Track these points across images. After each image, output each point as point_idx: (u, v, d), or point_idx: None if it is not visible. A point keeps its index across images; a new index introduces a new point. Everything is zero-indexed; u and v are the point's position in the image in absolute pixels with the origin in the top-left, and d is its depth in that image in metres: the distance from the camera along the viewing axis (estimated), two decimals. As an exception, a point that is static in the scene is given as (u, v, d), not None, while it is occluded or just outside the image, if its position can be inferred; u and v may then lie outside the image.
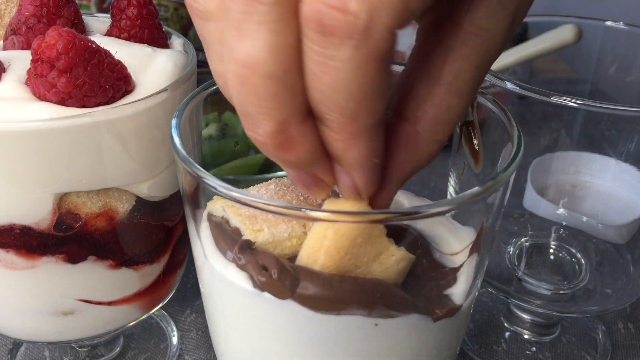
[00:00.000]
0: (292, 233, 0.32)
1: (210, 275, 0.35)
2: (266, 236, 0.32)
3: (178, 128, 0.34)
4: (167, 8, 0.83)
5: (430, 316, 0.33)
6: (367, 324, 0.31)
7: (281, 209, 0.29)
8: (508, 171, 0.32)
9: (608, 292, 0.53)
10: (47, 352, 0.55)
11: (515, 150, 0.33)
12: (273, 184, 0.36)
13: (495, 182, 0.31)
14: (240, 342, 0.36)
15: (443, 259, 0.35)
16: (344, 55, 0.23)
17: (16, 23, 0.41)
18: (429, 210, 0.29)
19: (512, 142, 0.34)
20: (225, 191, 0.29)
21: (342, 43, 0.23)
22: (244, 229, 0.32)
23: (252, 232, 0.32)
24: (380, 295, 0.31)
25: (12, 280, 0.41)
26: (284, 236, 0.32)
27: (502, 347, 0.57)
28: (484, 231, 0.34)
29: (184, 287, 0.62)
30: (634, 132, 0.50)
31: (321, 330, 0.32)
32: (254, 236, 0.32)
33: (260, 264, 0.31)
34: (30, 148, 0.36)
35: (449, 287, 0.34)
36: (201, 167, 0.31)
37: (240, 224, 0.32)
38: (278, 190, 0.35)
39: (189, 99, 0.37)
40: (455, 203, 0.31)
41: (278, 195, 0.34)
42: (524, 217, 0.55)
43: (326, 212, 0.29)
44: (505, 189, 0.33)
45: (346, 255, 0.30)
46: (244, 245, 0.32)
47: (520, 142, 0.34)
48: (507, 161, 0.33)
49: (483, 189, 0.30)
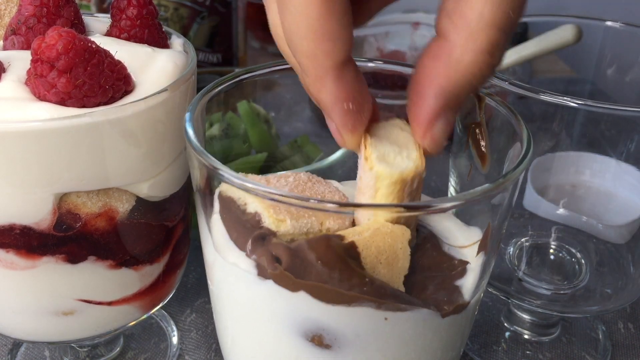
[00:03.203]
0: (310, 229, 0.32)
1: (221, 268, 0.35)
2: (287, 227, 0.32)
3: (192, 122, 0.35)
4: (167, 8, 0.83)
5: (439, 312, 0.33)
6: (377, 317, 0.32)
7: (326, 205, 0.30)
8: (518, 169, 0.32)
9: (608, 292, 0.53)
10: (47, 352, 0.55)
11: (525, 150, 0.34)
12: (291, 177, 0.36)
13: (506, 180, 0.31)
14: (248, 337, 0.36)
15: (452, 250, 0.36)
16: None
17: (16, 23, 0.41)
18: (440, 204, 0.30)
19: (521, 143, 0.35)
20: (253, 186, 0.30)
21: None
22: (267, 217, 0.32)
23: (275, 220, 0.32)
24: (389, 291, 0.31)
25: (12, 280, 0.41)
26: (302, 230, 0.32)
27: (502, 347, 0.57)
28: (490, 230, 0.35)
29: (184, 287, 0.62)
30: (634, 132, 0.50)
31: (332, 322, 0.32)
32: (276, 225, 0.32)
33: (272, 255, 0.31)
34: (30, 148, 0.36)
35: (458, 278, 0.34)
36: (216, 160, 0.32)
37: (264, 211, 0.33)
38: (297, 184, 0.35)
39: (202, 94, 0.38)
40: (465, 198, 0.31)
41: (297, 189, 0.35)
42: (524, 217, 0.55)
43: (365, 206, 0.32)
44: (514, 189, 0.34)
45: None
46: (258, 236, 0.32)
47: (530, 143, 0.34)
48: (517, 160, 0.33)
49: (494, 185, 0.31)
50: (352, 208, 0.33)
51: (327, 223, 0.33)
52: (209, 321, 0.59)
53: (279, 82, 0.61)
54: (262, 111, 0.67)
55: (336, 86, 0.29)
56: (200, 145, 0.33)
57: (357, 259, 0.31)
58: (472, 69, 0.28)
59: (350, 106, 0.29)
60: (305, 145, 0.66)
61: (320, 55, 0.28)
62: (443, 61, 0.29)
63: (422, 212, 0.33)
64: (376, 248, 0.31)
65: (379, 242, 0.31)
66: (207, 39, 0.86)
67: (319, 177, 0.37)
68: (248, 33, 1.00)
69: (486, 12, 0.27)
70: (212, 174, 0.32)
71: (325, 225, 0.33)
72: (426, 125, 0.30)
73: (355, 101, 0.30)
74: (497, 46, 0.28)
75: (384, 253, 0.31)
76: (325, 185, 0.37)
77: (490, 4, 0.27)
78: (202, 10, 0.84)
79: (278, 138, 0.68)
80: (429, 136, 0.31)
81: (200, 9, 0.84)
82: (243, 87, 0.41)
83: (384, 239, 0.31)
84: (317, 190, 0.35)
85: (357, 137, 0.32)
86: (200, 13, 0.84)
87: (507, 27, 0.28)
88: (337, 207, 0.31)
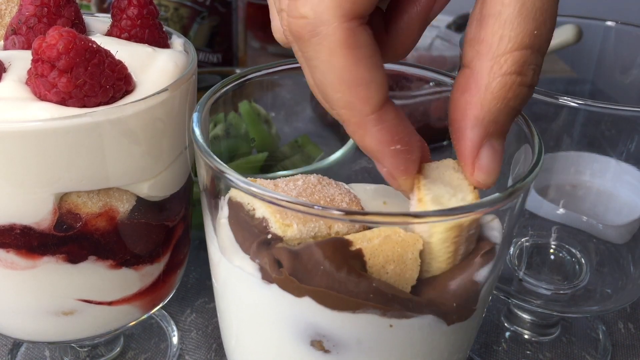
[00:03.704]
0: (317, 233, 0.32)
1: (226, 271, 0.35)
2: (294, 232, 0.32)
3: (199, 122, 0.35)
4: (168, 8, 0.83)
5: (445, 320, 0.33)
6: (382, 324, 0.31)
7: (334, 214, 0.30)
8: (529, 178, 0.31)
9: (608, 292, 0.53)
10: (47, 352, 0.55)
11: (536, 158, 0.33)
12: (300, 180, 0.36)
13: (516, 189, 0.31)
14: (252, 339, 0.36)
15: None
16: (314, 52, 0.27)
17: (17, 23, 0.41)
18: (449, 215, 0.29)
19: (532, 149, 0.34)
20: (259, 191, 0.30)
21: (310, 42, 0.27)
22: (274, 222, 0.32)
23: (282, 225, 0.32)
24: (396, 298, 0.31)
25: (13, 280, 0.41)
26: (310, 234, 0.32)
27: (502, 347, 0.57)
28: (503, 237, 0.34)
29: (184, 287, 0.62)
30: (634, 132, 0.50)
31: (336, 328, 0.32)
32: (283, 230, 0.32)
33: (277, 260, 0.31)
34: (30, 148, 0.36)
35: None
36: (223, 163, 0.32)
37: (270, 216, 0.32)
38: (306, 187, 0.35)
39: (209, 95, 0.37)
40: (475, 208, 0.30)
41: (306, 193, 0.34)
42: (524, 217, 0.55)
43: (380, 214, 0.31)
44: (525, 196, 0.33)
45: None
46: (263, 241, 0.32)
47: (541, 151, 0.33)
48: (528, 168, 0.32)
49: (504, 194, 0.30)
50: (357, 216, 0.31)
51: (335, 227, 0.32)
52: (209, 321, 0.59)
53: (280, 83, 0.61)
54: (262, 111, 0.67)
55: (379, 130, 0.28)
56: (207, 146, 0.33)
57: (363, 267, 0.30)
58: (504, 92, 0.28)
59: (398, 147, 0.29)
60: (306, 145, 0.66)
61: (357, 103, 0.27)
62: (473, 91, 0.28)
63: (433, 221, 0.31)
64: (384, 257, 0.30)
65: (388, 251, 0.30)
66: (207, 39, 0.86)
67: (330, 179, 0.37)
68: (248, 33, 1.00)
69: (506, 35, 0.27)
70: (219, 176, 0.32)
71: (334, 228, 0.32)
72: (471, 158, 0.30)
73: (402, 141, 0.29)
74: (526, 65, 0.28)
75: (392, 263, 0.30)
76: (336, 187, 0.36)
77: (510, 27, 0.27)
78: (202, 10, 0.84)
79: (279, 138, 0.68)
80: (477, 169, 0.30)
81: (200, 9, 0.84)
82: (245, 88, 0.41)
83: (394, 248, 0.30)
84: (327, 193, 0.35)
85: (410, 179, 0.31)
86: (200, 13, 0.84)
87: (536, 45, 0.27)
88: (343, 215, 0.30)
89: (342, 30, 0.26)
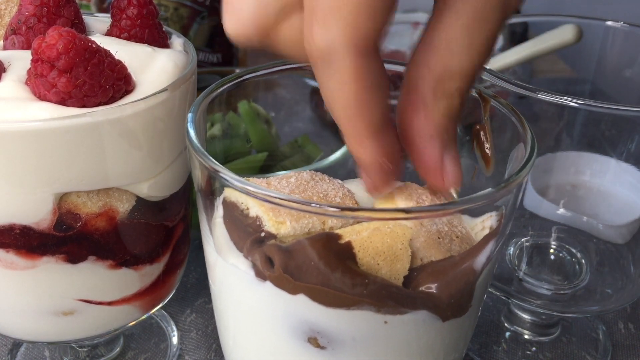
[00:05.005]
0: (311, 229, 0.32)
1: (222, 270, 0.35)
2: (288, 229, 0.32)
3: (194, 122, 0.35)
4: (167, 8, 0.83)
5: (440, 316, 0.33)
6: (377, 320, 0.31)
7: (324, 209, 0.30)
8: (522, 172, 0.32)
9: (608, 292, 0.53)
10: (47, 352, 0.55)
11: (529, 153, 0.34)
12: (293, 177, 0.36)
13: (510, 183, 0.31)
14: (249, 338, 0.36)
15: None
16: (325, 76, 0.28)
17: (16, 23, 0.41)
18: (443, 208, 0.30)
19: (525, 145, 0.35)
20: (252, 189, 0.30)
21: (321, 66, 0.28)
22: (267, 220, 0.32)
23: (275, 223, 0.32)
24: (389, 293, 0.31)
25: (12, 280, 0.41)
26: (304, 230, 0.32)
27: (502, 347, 0.57)
28: (498, 231, 0.34)
29: (184, 287, 0.62)
30: (634, 132, 0.50)
31: (331, 325, 0.32)
32: (276, 227, 0.32)
33: (270, 258, 0.31)
34: (30, 148, 0.36)
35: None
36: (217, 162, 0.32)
37: (263, 214, 0.32)
38: (299, 184, 0.35)
39: (204, 96, 0.38)
40: (469, 202, 0.31)
41: (299, 189, 0.35)
42: (524, 217, 0.55)
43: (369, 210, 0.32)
44: (518, 191, 0.34)
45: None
46: (256, 239, 0.32)
47: (534, 146, 0.34)
48: (521, 163, 0.33)
49: (497, 188, 0.31)
50: (349, 212, 0.32)
51: (329, 222, 0.32)
52: (209, 321, 0.59)
53: (280, 82, 0.61)
54: (262, 111, 0.67)
55: (374, 147, 0.30)
56: (202, 146, 0.33)
57: (353, 260, 0.30)
58: (449, 108, 0.31)
59: (386, 163, 0.31)
60: (306, 145, 0.66)
61: (358, 122, 0.29)
62: (422, 113, 0.31)
63: (426, 216, 0.32)
64: (374, 249, 0.31)
65: (377, 243, 0.31)
66: (207, 39, 0.86)
67: (323, 175, 0.37)
68: (248, 33, 1.00)
69: (450, 62, 0.29)
70: (213, 175, 0.32)
71: (327, 224, 0.32)
72: (439, 169, 0.32)
73: (390, 157, 0.31)
74: (459, 90, 0.30)
75: (382, 254, 0.31)
76: (329, 182, 0.36)
77: (450, 56, 0.29)
78: (202, 10, 0.84)
79: (278, 138, 0.68)
80: (446, 177, 0.32)
81: (200, 9, 0.84)
82: (244, 87, 0.41)
83: (383, 239, 0.31)
84: (320, 188, 0.35)
85: (389, 189, 0.33)
86: (200, 13, 0.84)
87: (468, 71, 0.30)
88: (339, 212, 0.31)
89: (353, 62, 0.28)
